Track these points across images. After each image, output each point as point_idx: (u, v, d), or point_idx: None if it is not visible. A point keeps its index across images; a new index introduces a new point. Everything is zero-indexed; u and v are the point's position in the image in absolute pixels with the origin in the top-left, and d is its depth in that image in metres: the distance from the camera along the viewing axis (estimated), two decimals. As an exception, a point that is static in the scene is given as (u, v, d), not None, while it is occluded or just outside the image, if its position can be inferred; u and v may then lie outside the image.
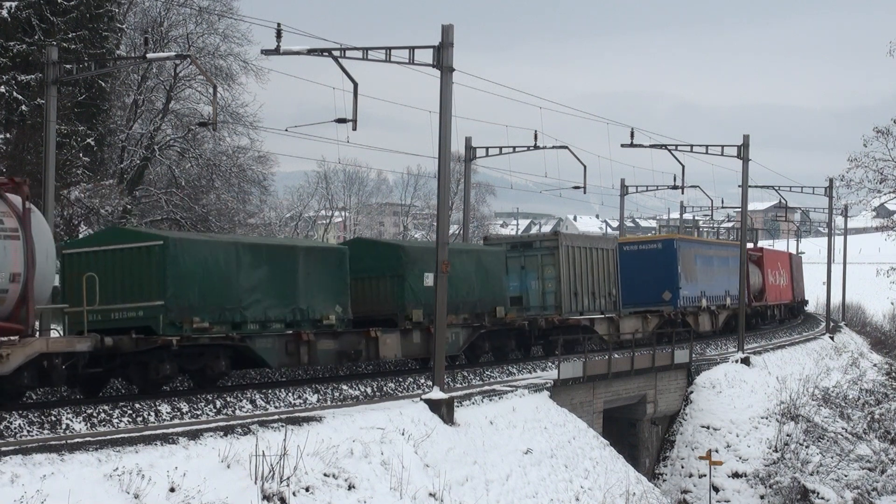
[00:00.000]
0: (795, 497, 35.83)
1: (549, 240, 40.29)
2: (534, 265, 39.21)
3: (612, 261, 42.78)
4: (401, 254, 31.49)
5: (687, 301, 49.31)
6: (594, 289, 41.02)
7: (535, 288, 39.10)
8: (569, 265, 39.43)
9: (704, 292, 51.58)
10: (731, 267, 53.75)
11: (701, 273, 51.47)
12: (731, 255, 54.58)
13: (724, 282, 54.20)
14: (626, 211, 63.51)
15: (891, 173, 42.35)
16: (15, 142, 39.19)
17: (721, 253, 55.93)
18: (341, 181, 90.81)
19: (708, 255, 53.72)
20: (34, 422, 19.87)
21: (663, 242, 49.82)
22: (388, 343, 29.60)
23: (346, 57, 26.04)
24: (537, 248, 39.55)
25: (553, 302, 38.91)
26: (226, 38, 51.82)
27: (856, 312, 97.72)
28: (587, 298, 40.53)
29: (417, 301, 30.75)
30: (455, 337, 32.07)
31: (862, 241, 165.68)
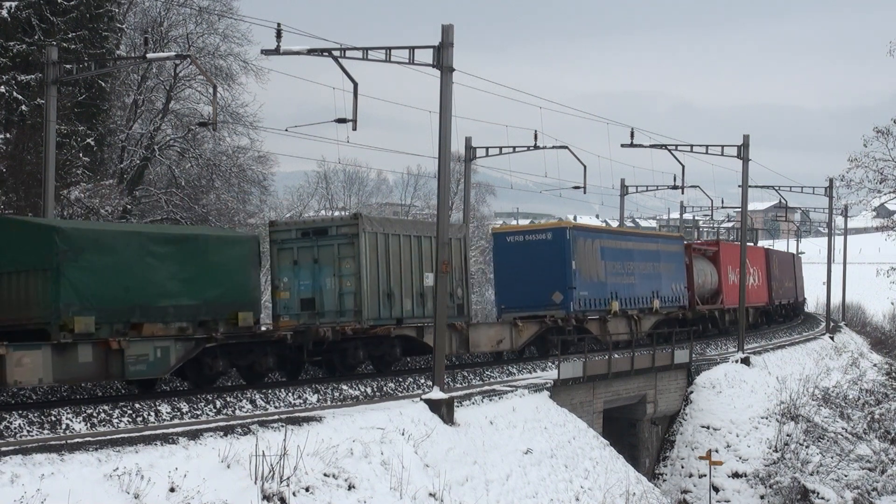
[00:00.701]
0: (795, 497, 35.83)
1: (347, 224, 30.92)
2: (329, 258, 30.55)
3: (460, 253, 34.08)
4: (54, 238, 22.92)
5: (586, 304, 40.07)
6: (425, 289, 31.75)
7: (330, 287, 30.50)
8: (377, 257, 30.56)
9: (616, 293, 42.16)
10: (665, 264, 46.75)
11: (611, 270, 42.03)
12: (663, 249, 47.37)
13: (651, 281, 45.39)
14: (626, 211, 63.49)
15: (891, 173, 42.35)
16: (15, 142, 39.15)
17: (645, 246, 46.22)
18: (341, 181, 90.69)
19: (623, 248, 43.95)
20: (34, 422, 19.87)
21: (553, 232, 39.75)
22: (24, 364, 21.32)
23: (346, 57, 26.05)
24: (333, 235, 30.71)
25: (352, 305, 30.26)
26: (226, 38, 51.77)
27: (856, 312, 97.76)
28: (412, 301, 31.68)
29: (85, 304, 22.87)
30: (158, 354, 23.99)
31: (862, 241, 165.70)
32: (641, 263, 44.69)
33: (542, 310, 38.28)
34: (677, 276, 48.13)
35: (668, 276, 47.08)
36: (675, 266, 47.86)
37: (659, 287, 45.89)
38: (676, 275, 48.04)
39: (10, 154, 38.68)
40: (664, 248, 47.52)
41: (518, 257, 39.41)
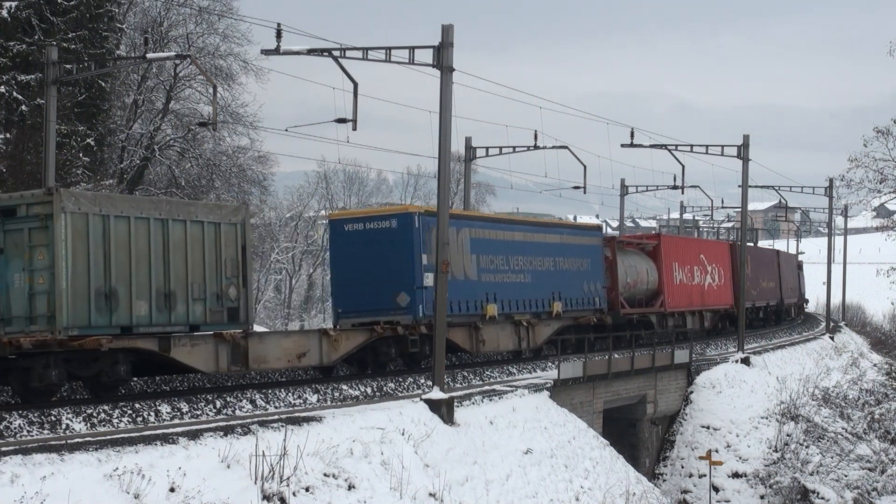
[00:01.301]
0: (795, 497, 35.84)
1: (39, 203, 23.10)
2: (18, 247, 23.17)
3: (235, 242, 26.29)
4: None
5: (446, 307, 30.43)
6: (174, 287, 24.55)
7: (18, 286, 23.13)
8: (87, 246, 23.02)
9: (495, 294, 34.63)
10: (573, 259, 39.15)
11: (486, 266, 34.59)
12: (570, 242, 39.25)
13: (551, 280, 37.54)
14: (626, 211, 63.53)
15: (891, 173, 42.35)
16: (15, 142, 39.16)
17: (542, 238, 37.78)
18: (341, 181, 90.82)
19: (506, 240, 35.83)
20: (34, 422, 19.88)
21: (398, 218, 32.15)
22: None
23: (346, 57, 26.05)
24: (24, 217, 23.16)
25: (45, 309, 22.78)
26: (226, 38, 51.82)
27: (856, 312, 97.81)
28: (149, 304, 24.12)
29: None
30: None
31: (862, 241, 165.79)
32: (537, 259, 36.84)
33: (387, 315, 31.23)
34: (592, 274, 40.19)
35: (578, 275, 39.10)
36: (589, 262, 39.98)
37: (562, 287, 37.89)
38: (591, 273, 40.07)
39: (10, 154, 38.70)
40: (572, 241, 39.33)
41: (358, 250, 32.17)
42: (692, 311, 50.44)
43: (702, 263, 51.45)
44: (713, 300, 53.13)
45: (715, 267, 53.42)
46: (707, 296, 51.98)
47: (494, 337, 34.59)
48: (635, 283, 44.40)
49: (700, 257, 51.58)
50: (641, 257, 46.02)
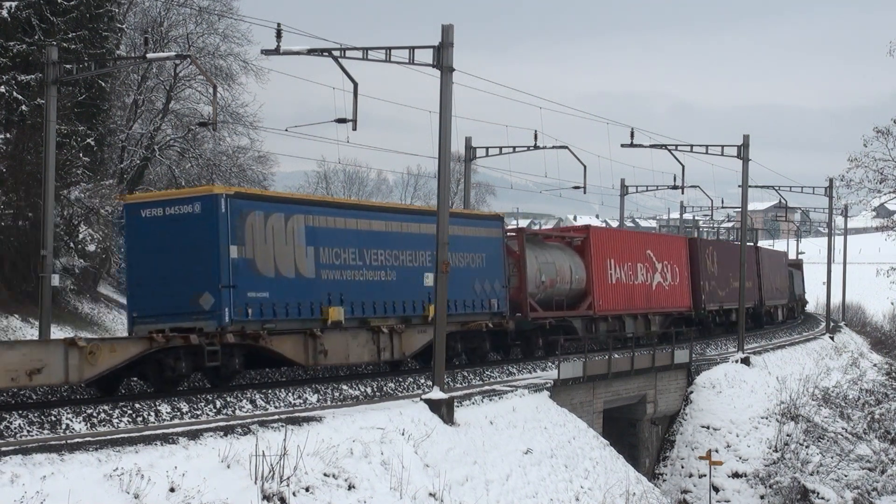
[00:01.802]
0: (795, 497, 35.84)
1: None
2: None
3: None
4: None
5: (269, 311, 26.49)
6: None
7: None
8: None
9: (342, 295, 28.27)
10: (461, 254, 32.60)
11: (329, 261, 28.30)
12: (457, 234, 31.04)
13: (425, 278, 29.50)
14: (626, 211, 63.56)
15: (891, 173, 42.35)
16: (15, 142, 39.18)
17: (414, 228, 31.03)
18: (341, 181, 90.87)
19: (359, 229, 29.20)
20: (34, 422, 19.88)
21: (202, 201, 25.79)
22: None
23: (346, 57, 26.06)
24: None
25: None
26: (226, 38, 51.88)
27: (856, 312, 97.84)
28: None
29: None
30: None
31: (862, 241, 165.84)
32: (406, 252, 30.49)
33: (188, 320, 25.57)
34: (488, 271, 33.84)
35: (467, 272, 32.84)
36: (484, 258, 33.67)
37: (462, 288, 32.05)
38: (486, 270, 33.74)
39: (10, 154, 38.72)
40: (458, 233, 31.61)
41: (155, 241, 26.31)
42: (634, 314, 43.76)
43: (649, 260, 45.36)
44: (665, 302, 46.95)
45: (668, 265, 47.18)
46: (656, 297, 45.85)
47: (341, 347, 27.95)
48: (553, 282, 38.02)
49: (647, 254, 45.44)
50: (565, 253, 39.86)
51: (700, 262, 51.24)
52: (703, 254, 52.21)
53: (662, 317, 47.07)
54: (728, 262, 54.86)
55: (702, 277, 51.37)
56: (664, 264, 47.07)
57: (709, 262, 52.75)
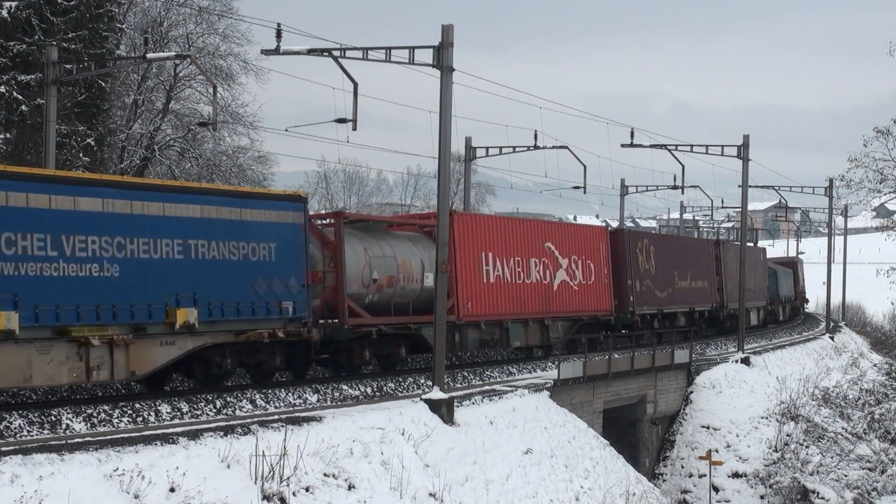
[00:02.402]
0: (795, 497, 35.84)
1: None
2: None
3: None
4: None
5: None
6: None
7: None
8: None
9: (17, 296, 21.01)
10: (220, 243, 25.37)
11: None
12: (217, 217, 25.41)
13: (167, 274, 24.06)
14: (626, 211, 63.55)
15: (891, 173, 42.35)
16: (15, 142, 39.18)
17: (150, 209, 24.08)
18: (341, 181, 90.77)
19: (57, 209, 22.14)
20: (34, 422, 19.87)
21: None
22: None
23: (346, 57, 26.07)
24: None
25: None
26: (226, 38, 51.81)
27: (856, 312, 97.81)
28: None
29: None
30: None
31: (862, 241, 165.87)
32: (140, 241, 23.67)
33: None
34: (279, 266, 26.69)
35: (242, 267, 25.89)
36: (272, 249, 26.64)
37: (200, 285, 24.67)
38: (275, 265, 26.64)
39: (10, 154, 38.70)
40: (229, 217, 25.70)
41: None
42: (523, 319, 35.97)
43: (549, 255, 37.48)
44: (572, 304, 38.74)
45: (578, 260, 39.17)
46: (559, 299, 37.82)
47: (14, 364, 20.81)
48: (393, 280, 30.34)
49: (546, 247, 37.51)
50: (418, 245, 31.80)
51: (627, 259, 42.88)
52: (633, 248, 43.90)
53: (568, 322, 38.75)
54: (672, 258, 47.71)
55: (630, 276, 42.94)
56: (573, 260, 38.87)
57: (642, 259, 44.64)
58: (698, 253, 52.39)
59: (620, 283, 42.43)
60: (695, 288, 50.32)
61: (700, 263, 51.56)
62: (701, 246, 55.06)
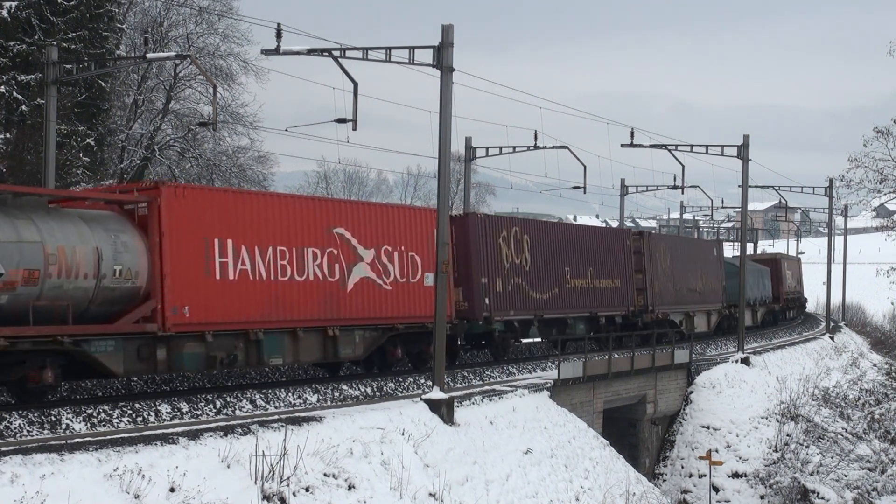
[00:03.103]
0: (795, 497, 35.84)
1: None
2: None
3: None
4: None
5: None
6: None
7: None
8: None
9: None
10: None
11: None
12: None
13: None
14: (626, 211, 63.53)
15: (891, 173, 42.35)
16: (15, 142, 39.19)
17: None
18: (341, 181, 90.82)
19: None
20: (34, 422, 19.88)
21: None
22: None
23: (346, 57, 26.06)
24: None
25: None
26: (226, 38, 51.84)
27: (856, 312, 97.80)
28: None
29: None
30: None
31: (862, 241, 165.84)
32: None
33: None
34: None
35: None
36: None
37: None
38: None
39: (10, 154, 38.73)
40: None
41: None
42: (289, 327, 27.12)
43: (339, 244, 28.44)
44: (381, 309, 29.63)
45: (393, 252, 30.16)
46: (355, 302, 28.70)
47: None
48: (32, 276, 21.50)
49: (335, 234, 28.36)
50: (96, 228, 23.25)
51: (482, 250, 33.77)
52: (491, 238, 34.36)
53: (373, 332, 29.50)
54: (562, 251, 38.38)
55: (485, 272, 33.81)
56: (384, 252, 29.93)
57: (508, 251, 35.11)
58: (606, 246, 41.96)
59: (471, 282, 33.24)
60: (600, 288, 40.66)
61: (609, 259, 41.77)
62: (611, 237, 44.10)
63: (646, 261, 44.34)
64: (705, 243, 58.70)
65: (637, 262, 43.90)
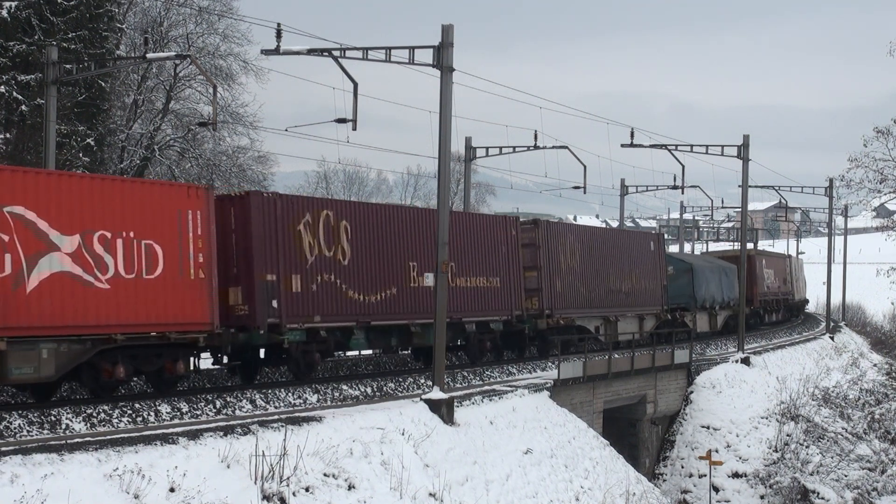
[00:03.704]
0: (795, 497, 35.83)
1: None
2: None
3: None
4: None
5: None
6: None
7: None
8: None
9: None
10: None
11: None
12: None
13: None
14: (626, 211, 63.50)
15: (891, 173, 42.31)
16: (15, 142, 39.18)
17: None
18: (341, 181, 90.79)
19: None
20: (34, 422, 19.87)
21: None
22: None
23: (346, 57, 26.06)
24: None
25: None
26: (226, 38, 51.79)
27: (856, 312, 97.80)
28: None
29: None
30: None
31: (862, 241, 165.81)
32: None
33: None
34: None
35: None
36: None
37: None
38: None
39: (10, 154, 38.70)
40: None
41: None
42: None
43: (14, 228, 21.43)
44: (87, 314, 22.52)
45: (117, 239, 23.14)
46: (36, 306, 21.66)
47: None
48: None
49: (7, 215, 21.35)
50: None
51: (266, 241, 26.83)
52: (283, 225, 27.49)
53: (76, 345, 22.42)
54: (405, 243, 31.36)
55: (271, 267, 26.91)
56: (102, 238, 22.87)
57: (312, 241, 28.31)
58: (479, 237, 34.53)
59: (251, 279, 26.42)
60: (467, 288, 33.74)
61: (483, 252, 34.53)
62: (487, 226, 35.26)
63: (541, 255, 36.97)
64: (638, 236, 49.23)
65: (529, 256, 36.54)
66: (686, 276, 50.63)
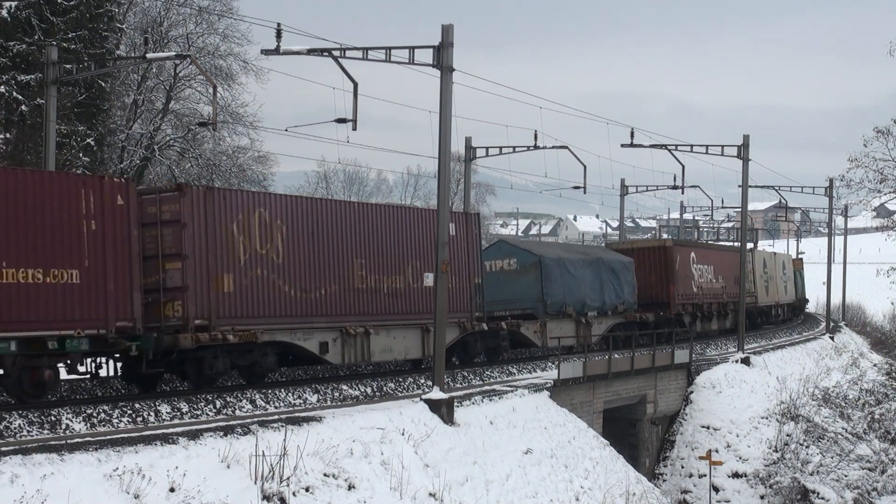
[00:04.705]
0: (795, 497, 35.83)
1: None
2: None
3: None
4: None
5: None
6: None
7: None
8: None
9: None
10: None
11: None
12: None
13: None
14: (626, 211, 63.52)
15: (891, 173, 42.30)
16: (15, 142, 39.21)
17: None
18: (341, 181, 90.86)
19: None
20: (34, 422, 19.87)
21: None
22: None
23: (346, 57, 26.06)
24: None
25: None
26: (226, 38, 51.83)
27: (856, 312, 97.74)
28: None
29: None
30: None
31: (862, 241, 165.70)
32: None
33: None
34: None
35: None
36: None
37: None
38: None
39: (10, 154, 38.73)
40: None
41: None
42: None
43: None
44: None
45: None
46: None
47: None
48: None
49: None
50: None
51: None
52: None
53: None
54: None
55: None
56: None
57: None
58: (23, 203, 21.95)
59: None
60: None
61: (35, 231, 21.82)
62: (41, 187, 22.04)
63: (191, 239, 24.65)
64: (421, 213, 32.86)
65: (171, 240, 24.62)
66: (533, 271, 38.91)
